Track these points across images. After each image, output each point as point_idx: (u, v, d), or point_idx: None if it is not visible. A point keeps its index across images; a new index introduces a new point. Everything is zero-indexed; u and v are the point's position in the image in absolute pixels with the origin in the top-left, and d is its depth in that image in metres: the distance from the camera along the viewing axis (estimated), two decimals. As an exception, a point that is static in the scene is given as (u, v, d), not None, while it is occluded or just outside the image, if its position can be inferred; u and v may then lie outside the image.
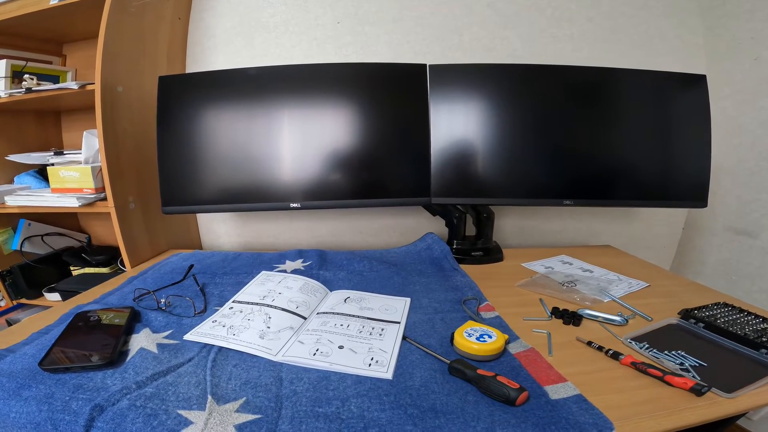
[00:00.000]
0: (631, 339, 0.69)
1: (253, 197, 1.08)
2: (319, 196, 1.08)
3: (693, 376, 0.59)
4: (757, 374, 0.60)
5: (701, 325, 0.74)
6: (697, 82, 1.08)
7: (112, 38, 1.00)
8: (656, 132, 1.10)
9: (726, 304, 0.81)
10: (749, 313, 0.77)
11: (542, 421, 0.50)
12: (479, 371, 0.57)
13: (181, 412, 0.51)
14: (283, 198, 1.08)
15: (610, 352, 0.65)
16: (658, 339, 0.70)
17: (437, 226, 1.37)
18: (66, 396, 0.53)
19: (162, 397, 0.54)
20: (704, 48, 1.35)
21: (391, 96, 1.08)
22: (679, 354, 0.65)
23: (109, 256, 1.25)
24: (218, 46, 1.32)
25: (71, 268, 1.27)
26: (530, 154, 1.11)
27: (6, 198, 1.12)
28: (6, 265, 1.22)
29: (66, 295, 1.13)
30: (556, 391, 0.55)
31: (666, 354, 0.65)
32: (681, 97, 1.09)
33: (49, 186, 1.11)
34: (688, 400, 0.55)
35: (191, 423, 0.49)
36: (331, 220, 1.43)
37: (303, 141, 1.07)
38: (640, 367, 0.60)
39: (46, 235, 1.31)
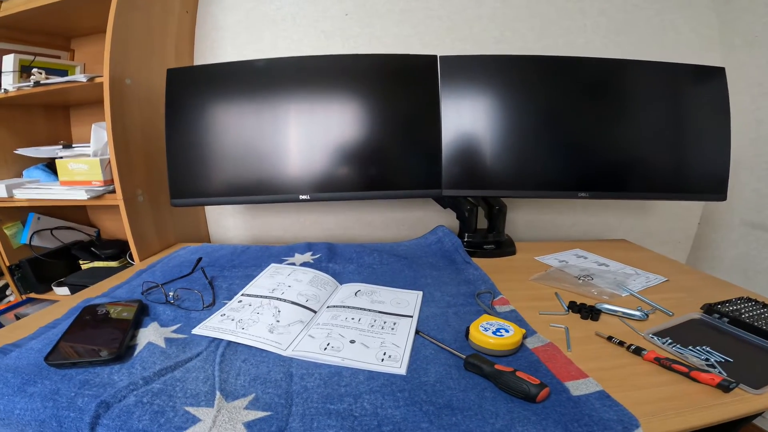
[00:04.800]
0: (653, 334, 0.67)
1: (261, 190, 1.06)
2: (329, 188, 1.06)
3: (719, 372, 0.56)
4: (786, 370, 0.57)
5: (725, 320, 0.71)
6: (715, 74, 1.05)
7: (120, 31, 0.99)
8: (673, 124, 1.07)
9: (749, 299, 0.78)
10: (774, 308, 0.74)
11: (564, 418, 0.48)
12: (497, 366, 0.55)
13: (189, 409, 0.49)
14: (291, 190, 1.06)
15: (633, 347, 0.62)
16: (681, 334, 0.68)
17: (448, 219, 1.35)
18: (72, 392, 0.52)
19: (169, 393, 0.52)
20: (720, 41, 1.32)
21: (402, 87, 1.06)
22: (704, 350, 0.62)
23: (118, 249, 1.25)
24: (226, 39, 1.31)
25: (80, 262, 1.26)
26: (543, 146, 1.08)
27: (15, 191, 1.12)
28: (15, 259, 1.22)
29: (75, 289, 1.13)
30: (577, 387, 0.53)
31: (690, 349, 0.62)
32: (698, 90, 1.06)
33: (58, 179, 1.10)
34: (715, 396, 0.53)
35: (199, 420, 0.47)
36: (340, 213, 1.42)
37: (311, 133, 1.05)
38: (664, 363, 0.58)
39: (56, 228, 1.31)
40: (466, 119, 1.06)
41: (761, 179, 1.24)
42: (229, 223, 1.46)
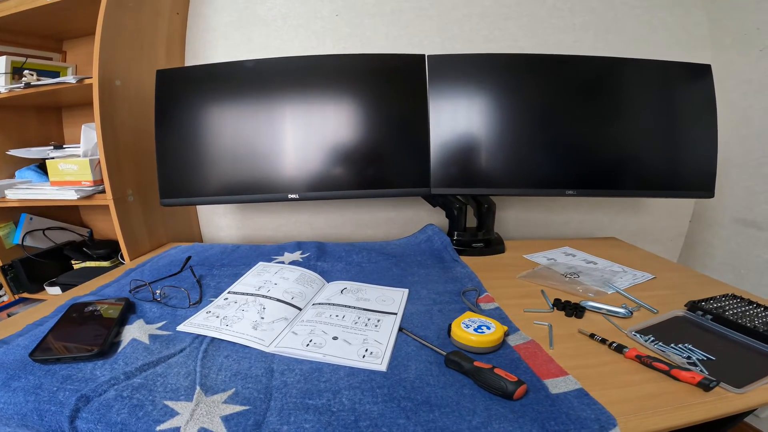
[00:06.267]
0: (636, 332, 0.67)
1: (251, 189, 1.07)
2: (318, 188, 1.07)
3: (701, 370, 0.56)
4: (768, 368, 0.57)
5: (709, 317, 0.71)
6: (702, 71, 1.06)
7: (109, 33, 1.00)
8: (661, 121, 1.07)
9: (734, 296, 0.78)
10: (758, 305, 0.74)
11: (541, 416, 0.48)
12: (476, 363, 0.55)
13: (168, 402, 0.50)
14: (281, 189, 1.06)
15: (614, 345, 0.63)
16: (664, 332, 0.68)
17: (438, 218, 1.35)
18: (54, 387, 0.53)
19: (150, 388, 0.53)
20: (710, 39, 1.32)
21: (390, 87, 1.07)
22: (686, 347, 0.62)
23: (110, 249, 1.25)
24: (217, 40, 1.32)
25: (72, 262, 1.27)
26: (532, 144, 1.08)
27: (6, 192, 1.12)
28: (8, 260, 1.22)
29: (66, 289, 1.13)
30: (556, 385, 0.53)
31: (672, 347, 0.62)
32: (686, 87, 1.07)
33: (48, 180, 1.11)
34: (696, 395, 0.53)
35: (177, 414, 0.48)
36: (332, 213, 1.42)
37: (301, 132, 1.06)
38: (645, 361, 0.58)
39: (48, 229, 1.31)
40: (454, 118, 1.07)
41: (752, 176, 1.24)
42: (221, 223, 1.46)
